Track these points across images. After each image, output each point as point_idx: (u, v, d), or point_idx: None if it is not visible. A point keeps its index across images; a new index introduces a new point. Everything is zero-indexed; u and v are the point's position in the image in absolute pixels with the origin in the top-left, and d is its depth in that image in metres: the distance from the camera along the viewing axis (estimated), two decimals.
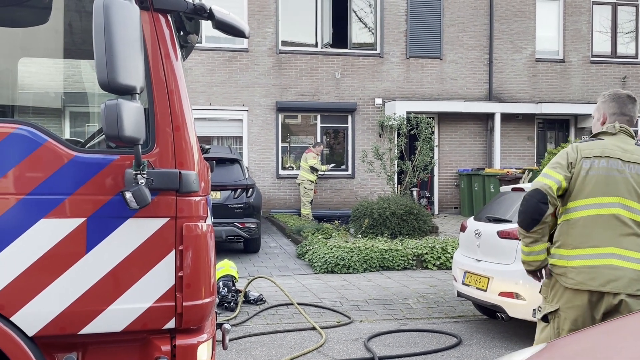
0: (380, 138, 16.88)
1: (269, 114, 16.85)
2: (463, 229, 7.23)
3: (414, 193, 16.19)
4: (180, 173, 2.90)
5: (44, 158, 2.81)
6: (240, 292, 7.67)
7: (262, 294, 7.79)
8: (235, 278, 7.89)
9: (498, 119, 17.44)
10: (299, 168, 15.87)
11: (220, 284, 7.54)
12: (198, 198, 3.01)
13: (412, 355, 5.96)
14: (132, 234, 2.88)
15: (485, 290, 6.40)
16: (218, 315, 6.70)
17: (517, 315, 6.14)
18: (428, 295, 8.19)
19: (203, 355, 3.03)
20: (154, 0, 2.94)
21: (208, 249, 3.04)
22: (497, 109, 17.52)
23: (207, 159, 3.39)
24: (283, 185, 16.90)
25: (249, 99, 16.70)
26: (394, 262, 9.97)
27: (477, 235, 6.74)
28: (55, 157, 2.82)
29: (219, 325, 3.61)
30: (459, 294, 7.01)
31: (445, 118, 17.84)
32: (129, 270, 2.89)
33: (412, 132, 14.35)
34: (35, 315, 2.79)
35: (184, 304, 2.93)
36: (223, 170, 10.37)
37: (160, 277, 2.92)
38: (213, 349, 3.27)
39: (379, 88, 17.38)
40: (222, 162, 10.41)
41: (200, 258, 2.99)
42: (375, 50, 17.51)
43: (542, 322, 3.57)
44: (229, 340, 4.89)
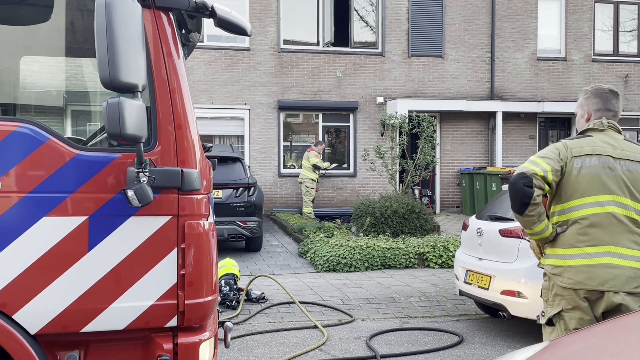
0: (382, 137, 16.88)
1: (271, 113, 16.85)
2: (465, 228, 7.22)
3: (416, 192, 16.19)
4: (182, 171, 2.90)
5: (46, 156, 2.81)
6: (242, 290, 7.67)
7: (264, 293, 7.79)
8: (237, 276, 7.89)
9: (500, 118, 17.43)
10: (301, 167, 15.87)
11: (222, 283, 7.54)
12: (200, 196, 3.01)
13: (413, 354, 5.96)
14: (134, 232, 2.88)
15: (487, 289, 6.40)
16: (220, 314, 6.71)
17: (519, 314, 6.14)
18: (430, 294, 8.19)
19: (205, 354, 3.02)
20: None
21: (210, 247, 3.04)
22: (498, 108, 17.50)
23: (208, 158, 3.39)
24: (285, 184, 16.91)
25: (251, 98, 16.70)
26: (396, 260, 9.97)
27: (479, 234, 6.73)
28: (57, 155, 2.82)
29: (221, 324, 3.61)
30: (461, 293, 7.01)
31: (447, 117, 17.83)
32: (131, 269, 2.89)
33: (413, 130, 14.35)
34: (38, 314, 2.79)
35: (186, 302, 2.93)
36: (225, 169, 10.37)
37: (162, 275, 2.92)
38: (215, 347, 3.27)
39: (381, 87, 17.37)
40: (223, 160, 10.42)
41: (202, 256, 2.99)
42: (377, 49, 17.51)
43: (547, 326, 3.51)
44: (231, 339, 4.89)
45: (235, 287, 7.67)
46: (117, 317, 2.87)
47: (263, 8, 16.75)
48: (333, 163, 16.82)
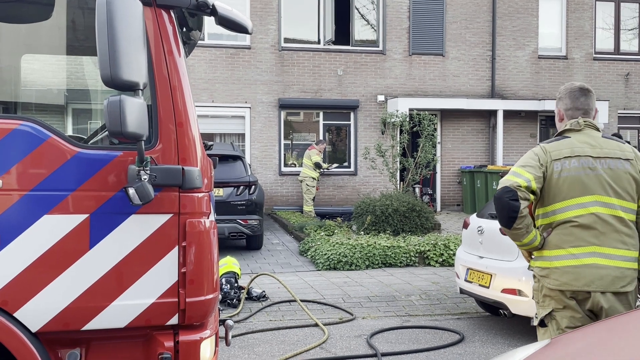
0: (383, 135, 16.87)
1: (272, 111, 16.85)
2: (466, 226, 7.22)
3: (417, 190, 16.18)
4: (183, 169, 2.90)
5: (47, 154, 2.81)
6: (243, 288, 7.67)
7: (264, 291, 7.79)
8: (238, 275, 7.89)
9: (500, 116, 17.42)
10: (301, 165, 15.87)
11: (223, 281, 7.54)
12: (201, 194, 3.01)
13: (414, 352, 5.96)
14: (135, 230, 2.89)
15: (488, 287, 6.40)
16: (221, 312, 6.72)
17: (519, 312, 6.14)
18: (430, 292, 8.19)
19: (206, 352, 3.03)
20: None
21: (211, 245, 3.04)
22: (499, 106, 17.49)
23: (209, 156, 3.39)
24: (285, 182, 16.91)
25: (252, 96, 16.70)
26: (397, 259, 9.97)
27: (479, 232, 6.74)
28: (59, 153, 2.83)
29: (222, 322, 3.61)
30: (462, 291, 7.01)
31: (448, 115, 17.82)
32: (132, 267, 2.89)
33: (414, 129, 14.34)
34: (39, 311, 2.79)
35: (187, 300, 2.93)
36: (225, 167, 10.37)
37: (163, 273, 2.92)
38: (216, 345, 3.27)
39: (382, 85, 17.36)
40: (224, 159, 10.41)
41: (203, 254, 2.99)
42: (378, 47, 17.49)
43: (540, 327, 3.51)
44: (232, 337, 4.90)
45: (236, 285, 7.68)
46: (118, 315, 2.88)
47: (264, 6, 16.74)
48: (334, 163, 16.83)
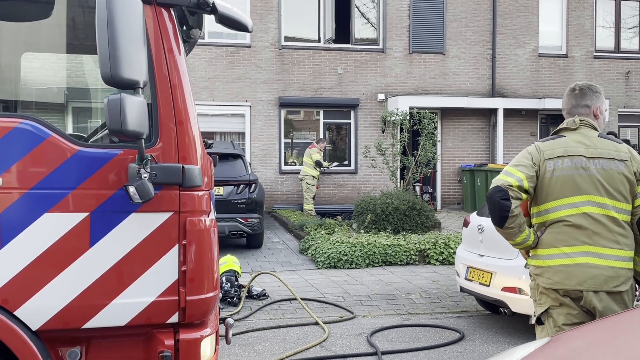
0: (383, 133, 16.87)
1: (272, 110, 16.84)
2: (466, 224, 7.22)
3: (417, 188, 16.19)
4: (184, 167, 2.90)
5: (48, 152, 2.81)
6: (243, 287, 7.68)
7: (265, 289, 7.80)
8: (238, 273, 7.90)
9: (501, 115, 17.41)
10: (302, 164, 15.87)
11: (223, 279, 7.55)
12: (201, 192, 3.01)
13: (414, 350, 5.96)
14: (135, 229, 2.89)
15: (488, 286, 6.40)
16: (221, 310, 6.71)
17: (520, 311, 6.14)
18: (431, 291, 8.19)
19: (206, 350, 3.03)
20: None
21: (211, 244, 3.04)
22: (500, 105, 17.49)
23: (209, 154, 3.39)
24: (286, 181, 16.91)
25: (252, 95, 16.69)
26: (397, 257, 9.98)
27: (480, 231, 6.73)
28: (59, 151, 2.83)
29: (222, 320, 3.62)
30: (462, 289, 7.01)
31: (448, 113, 17.82)
32: (133, 265, 2.89)
33: (414, 127, 14.34)
34: (39, 310, 2.79)
35: (187, 299, 2.94)
36: (226, 166, 10.37)
37: (164, 271, 2.92)
38: (216, 344, 3.28)
39: (382, 83, 17.36)
40: (224, 157, 10.41)
41: (204, 252, 2.99)
42: (378, 46, 17.48)
43: (538, 325, 3.52)
44: (232, 335, 4.90)
45: (237, 283, 7.68)
46: (118, 313, 2.88)
47: (264, 5, 16.73)
48: (334, 161, 16.83)
